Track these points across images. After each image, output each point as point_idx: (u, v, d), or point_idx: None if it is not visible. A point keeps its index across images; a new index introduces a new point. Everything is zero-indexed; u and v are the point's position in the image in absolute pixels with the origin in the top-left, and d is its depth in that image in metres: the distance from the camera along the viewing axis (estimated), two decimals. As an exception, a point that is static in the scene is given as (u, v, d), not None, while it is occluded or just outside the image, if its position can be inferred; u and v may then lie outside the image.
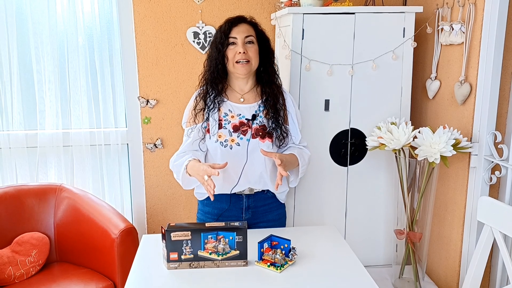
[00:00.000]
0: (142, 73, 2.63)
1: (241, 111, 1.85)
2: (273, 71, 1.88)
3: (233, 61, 1.79)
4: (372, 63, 2.26)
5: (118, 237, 2.17)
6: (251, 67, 1.81)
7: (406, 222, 2.22)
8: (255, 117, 1.83)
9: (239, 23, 1.81)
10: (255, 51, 1.81)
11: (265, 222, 1.92)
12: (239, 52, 1.77)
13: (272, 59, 1.90)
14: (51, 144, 2.63)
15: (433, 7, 2.30)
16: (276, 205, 1.96)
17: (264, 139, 1.82)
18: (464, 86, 2.07)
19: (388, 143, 2.10)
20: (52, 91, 2.58)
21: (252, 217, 1.91)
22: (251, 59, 1.79)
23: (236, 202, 1.89)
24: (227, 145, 1.81)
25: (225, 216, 1.89)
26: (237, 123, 1.82)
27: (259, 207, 1.92)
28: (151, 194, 2.78)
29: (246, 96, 1.87)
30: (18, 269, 2.23)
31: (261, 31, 1.88)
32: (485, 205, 1.83)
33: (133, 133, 2.71)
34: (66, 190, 2.48)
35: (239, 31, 1.79)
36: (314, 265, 1.58)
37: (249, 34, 1.80)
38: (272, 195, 1.93)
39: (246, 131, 1.82)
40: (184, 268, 1.55)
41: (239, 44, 1.78)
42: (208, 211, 1.93)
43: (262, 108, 1.85)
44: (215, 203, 1.90)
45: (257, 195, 1.89)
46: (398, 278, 2.34)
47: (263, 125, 1.83)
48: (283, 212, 2.01)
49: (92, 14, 2.55)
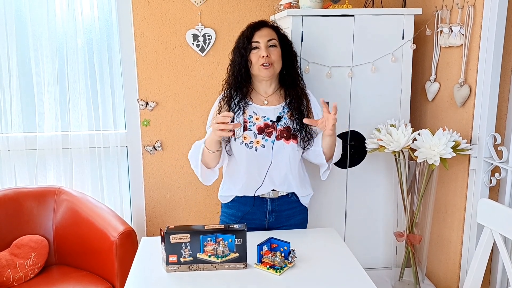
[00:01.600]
0: (141, 75, 2.63)
1: (265, 113, 1.86)
2: (296, 73, 1.91)
3: (257, 64, 1.82)
4: (371, 65, 2.26)
5: (117, 239, 2.17)
6: (274, 70, 1.83)
7: (406, 225, 2.22)
8: (279, 119, 1.85)
9: (261, 27, 1.84)
10: (278, 54, 1.83)
11: (288, 227, 1.93)
12: (262, 56, 1.79)
13: (294, 62, 1.92)
14: (50, 147, 2.62)
15: (432, 9, 2.30)
16: (300, 209, 1.96)
17: (288, 141, 1.83)
18: (464, 88, 2.07)
19: (388, 145, 2.10)
20: (51, 93, 2.58)
21: (275, 221, 1.92)
22: (274, 62, 1.82)
23: (260, 206, 1.90)
24: (252, 147, 1.82)
25: (247, 219, 1.89)
26: (262, 125, 1.84)
27: (283, 211, 1.92)
28: (151, 196, 2.78)
29: (269, 98, 1.89)
30: (17, 272, 2.22)
31: (283, 34, 1.90)
32: (485, 207, 1.83)
33: (132, 135, 2.71)
34: (65, 192, 2.47)
35: (262, 35, 1.82)
36: (313, 267, 1.57)
37: (271, 37, 1.83)
38: (296, 199, 1.94)
39: (271, 133, 1.83)
40: (183, 271, 1.55)
41: (262, 47, 1.81)
42: (232, 213, 1.94)
43: (286, 110, 1.87)
44: (239, 205, 1.91)
45: (281, 199, 1.90)
46: (398, 280, 2.33)
47: (288, 127, 1.84)
48: (305, 217, 2.01)
49: (91, 16, 2.55)
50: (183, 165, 2.74)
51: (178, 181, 2.77)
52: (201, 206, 2.80)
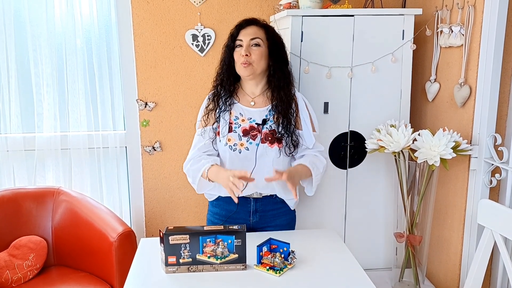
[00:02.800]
0: (140, 75, 2.62)
1: (251, 115, 1.84)
2: (283, 76, 1.84)
3: (238, 63, 1.80)
4: (371, 65, 2.25)
5: (116, 240, 2.16)
6: (253, 69, 1.79)
7: (406, 225, 2.21)
8: (265, 122, 1.83)
9: (248, 26, 1.82)
10: (259, 54, 1.78)
11: (273, 227, 1.91)
12: (242, 54, 1.78)
13: (284, 63, 1.86)
14: (49, 147, 2.62)
15: (432, 9, 2.29)
16: (285, 210, 1.95)
17: (273, 145, 1.81)
18: (464, 88, 2.06)
19: (388, 145, 2.10)
20: (50, 93, 2.57)
21: (259, 221, 1.90)
22: (253, 62, 1.78)
23: (244, 205, 1.88)
24: (236, 149, 1.81)
25: (232, 218, 1.89)
26: (247, 127, 1.82)
27: (268, 212, 1.91)
28: (150, 197, 2.77)
29: (256, 99, 1.87)
30: (16, 273, 2.21)
31: (274, 34, 1.85)
32: (485, 208, 1.82)
33: (131, 136, 2.70)
34: (64, 193, 2.46)
35: (246, 33, 1.80)
36: (313, 268, 1.57)
37: (255, 36, 1.79)
38: (281, 200, 1.92)
39: (255, 136, 1.81)
40: (182, 272, 1.54)
41: (244, 46, 1.78)
42: (217, 212, 1.94)
43: (272, 113, 1.84)
44: (224, 204, 1.90)
45: (265, 199, 1.88)
46: (398, 281, 2.33)
47: (273, 130, 1.82)
48: (292, 218, 1.99)
49: (90, 16, 2.54)
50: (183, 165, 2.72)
51: (178, 182, 2.76)
52: (200, 207, 2.80)
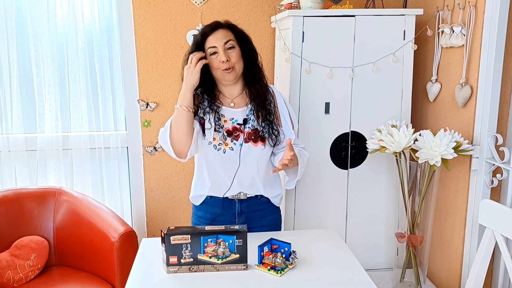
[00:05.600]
0: (142, 76, 2.63)
1: (233, 115, 1.82)
2: (256, 70, 1.83)
3: (219, 70, 1.75)
4: (372, 65, 2.25)
5: (118, 240, 2.16)
6: (236, 72, 1.77)
7: (407, 225, 2.21)
8: (246, 121, 1.81)
9: (214, 30, 1.75)
10: (237, 55, 1.75)
11: (259, 228, 1.89)
12: (222, 60, 1.72)
13: (254, 58, 1.84)
14: (51, 148, 2.62)
15: (433, 9, 2.29)
16: (271, 209, 1.93)
17: (256, 143, 1.80)
18: (465, 88, 2.06)
19: (389, 146, 2.10)
20: (51, 94, 2.58)
21: (245, 222, 1.88)
22: (235, 64, 1.75)
23: (229, 207, 1.87)
24: (221, 149, 1.79)
25: (218, 221, 1.87)
26: (230, 128, 1.80)
27: (253, 212, 1.89)
28: (151, 197, 2.78)
29: (236, 100, 1.84)
30: (17, 273, 2.22)
31: (240, 31, 1.81)
32: (486, 208, 1.82)
33: (133, 136, 2.71)
34: (66, 193, 2.47)
35: (217, 38, 1.73)
36: (314, 268, 1.57)
37: (228, 39, 1.74)
38: (267, 200, 1.90)
39: (238, 136, 1.79)
40: (183, 272, 1.54)
41: (221, 52, 1.73)
42: (201, 215, 1.91)
43: (253, 111, 1.82)
44: (208, 207, 1.88)
45: (250, 200, 1.87)
46: (399, 281, 2.33)
47: (255, 129, 1.80)
48: (278, 217, 1.98)
49: (92, 17, 2.55)
50: (184, 166, 2.73)
51: (179, 182, 2.76)
52: (201, 207, 2.80)
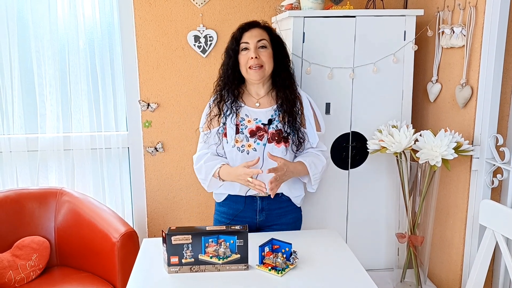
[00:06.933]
0: (143, 76, 2.63)
1: (257, 115, 1.85)
2: (288, 76, 1.87)
3: (246, 66, 1.79)
4: (373, 66, 2.26)
5: (119, 241, 2.17)
6: (264, 72, 1.80)
7: (408, 226, 2.21)
8: (271, 122, 1.84)
9: (251, 28, 1.81)
10: (268, 56, 1.79)
11: (279, 225, 1.93)
12: (251, 57, 1.77)
13: (287, 64, 1.88)
14: (52, 148, 2.63)
15: (434, 10, 2.30)
16: (291, 208, 1.96)
17: (279, 144, 1.82)
18: (465, 89, 2.06)
19: (389, 146, 2.10)
20: (53, 94, 2.58)
21: (266, 219, 1.92)
22: (264, 63, 1.78)
23: (251, 204, 1.90)
24: (244, 150, 1.82)
25: (239, 217, 1.91)
26: (253, 128, 1.83)
27: (273, 210, 1.92)
28: (152, 197, 2.78)
29: (261, 100, 1.88)
30: (19, 273, 2.22)
31: (276, 35, 1.87)
32: (487, 208, 1.82)
33: (134, 136, 2.71)
34: (67, 194, 2.47)
35: (251, 35, 1.79)
36: (315, 269, 1.57)
37: (261, 38, 1.79)
38: (287, 199, 1.93)
39: (262, 136, 1.82)
40: (184, 272, 1.55)
41: (252, 49, 1.77)
42: (224, 211, 1.95)
43: (278, 113, 1.85)
44: (231, 203, 1.92)
45: (271, 197, 1.89)
46: (399, 282, 2.33)
47: (279, 130, 1.83)
48: (298, 216, 2.00)
49: (93, 17, 2.55)
50: (185, 166, 2.74)
51: (180, 182, 2.77)
52: (202, 207, 2.80)
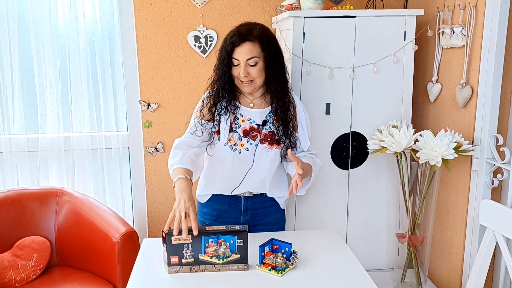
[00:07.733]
0: (143, 77, 2.63)
1: (251, 115, 1.85)
2: (280, 85, 1.82)
3: (238, 80, 1.78)
4: (373, 66, 2.26)
5: (119, 241, 2.17)
6: (255, 85, 1.79)
7: (408, 226, 2.21)
8: (265, 123, 1.83)
9: (242, 43, 1.73)
10: (258, 71, 1.76)
11: (263, 225, 1.92)
12: (241, 75, 1.75)
13: (282, 71, 1.83)
14: (52, 148, 2.63)
15: (434, 10, 2.30)
16: (275, 208, 1.95)
17: (272, 146, 1.82)
18: (465, 89, 2.06)
19: (390, 146, 2.10)
20: (53, 95, 2.59)
21: (250, 219, 1.91)
22: (254, 78, 1.77)
23: (235, 204, 1.89)
24: (236, 149, 1.81)
25: (223, 218, 1.89)
26: (247, 128, 1.82)
27: (258, 210, 1.91)
28: (152, 197, 2.78)
29: (256, 101, 1.87)
30: (19, 273, 2.23)
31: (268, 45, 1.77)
32: (487, 208, 1.82)
33: (134, 137, 2.71)
34: (67, 194, 2.47)
35: (241, 52, 1.73)
36: (315, 269, 1.57)
37: (251, 56, 1.73)
38: (271, 199, 1.93)
39: (255, 136, 1.82)
40: (185, 272, 1.55)
41: (242, 66, 1.74)
42: (207, 212, 1.93)
43: (272, 115, 1.84)
44: (214, 204, 1.91)
45: (255, 197, 1.89)
46: (400, 282, 2.33)
47: (272, 132, 1.83)
48: (282, 216, 2.00)
49: (93, 18, 2.56)
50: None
51: (180, 183, 2.76)
52: (203, 207, 2.80)
